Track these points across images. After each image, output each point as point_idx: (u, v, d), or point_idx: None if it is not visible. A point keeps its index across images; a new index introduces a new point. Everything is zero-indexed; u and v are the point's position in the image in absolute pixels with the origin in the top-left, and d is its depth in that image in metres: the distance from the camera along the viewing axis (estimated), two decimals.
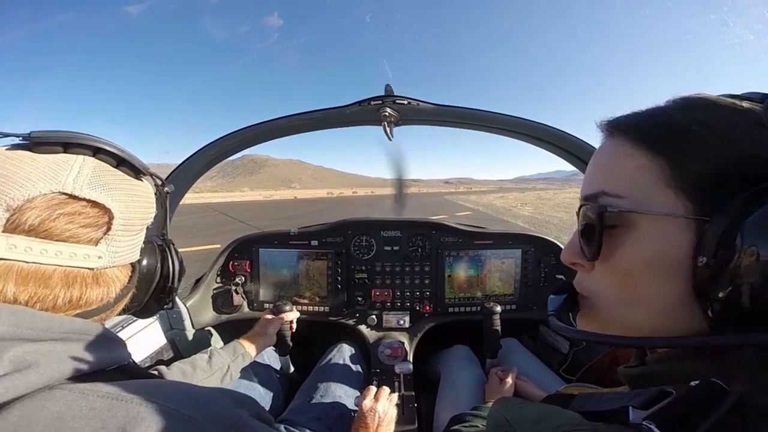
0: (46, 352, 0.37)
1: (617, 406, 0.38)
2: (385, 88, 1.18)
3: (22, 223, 0.40)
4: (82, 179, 0.44)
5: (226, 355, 1.11)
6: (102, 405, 0.37)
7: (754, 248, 0.29)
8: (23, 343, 0.36)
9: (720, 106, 0.36)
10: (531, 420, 0.40)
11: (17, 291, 0.40)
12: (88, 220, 0.44)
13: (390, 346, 1.53)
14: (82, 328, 0.43)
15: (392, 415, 1.09)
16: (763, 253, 0.29)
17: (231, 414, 0.44)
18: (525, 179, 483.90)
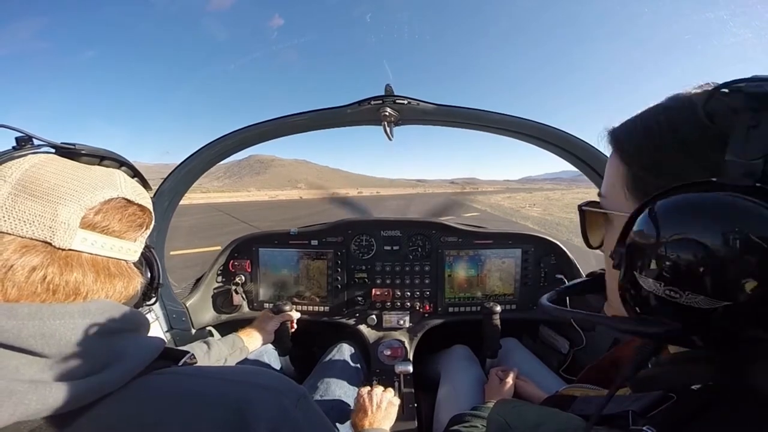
0: (132, 342, 0.45)
1: (618, 410, 0.38)
2: (385, 88, 1.18)
3: (96, 222, 0.47)
4: (128, 188, 0.52)
5: (224, 348, 1.11)
6: (214, 384, 0.45)
7: (636, 241, 0.34)
8: (119, 335, 0.44)
9: (673, 107, 0.38)
10: (531, 423, 0.40)
11: (94, 280, 0.46)
12: (139, 221, 0.53)
13: (390, 346, 1.53)
14: (143, 318, 0.51)
15: (389, 398, 1.12)
16: (640, 244, 0.33)
17: (298, 387, 0.52)
18: (531, 179, 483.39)
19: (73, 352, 0.39)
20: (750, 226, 0.28)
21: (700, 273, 0.30)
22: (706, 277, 0.29)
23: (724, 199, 0.30)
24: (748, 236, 0.28)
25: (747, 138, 0.30)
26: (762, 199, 0.28)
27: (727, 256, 0.28)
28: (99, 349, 0.41)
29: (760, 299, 0.28)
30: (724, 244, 0.29)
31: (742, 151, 0.30)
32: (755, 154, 0.30)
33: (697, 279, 0.30)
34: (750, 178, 0.30)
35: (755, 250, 0.28)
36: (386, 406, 1.10)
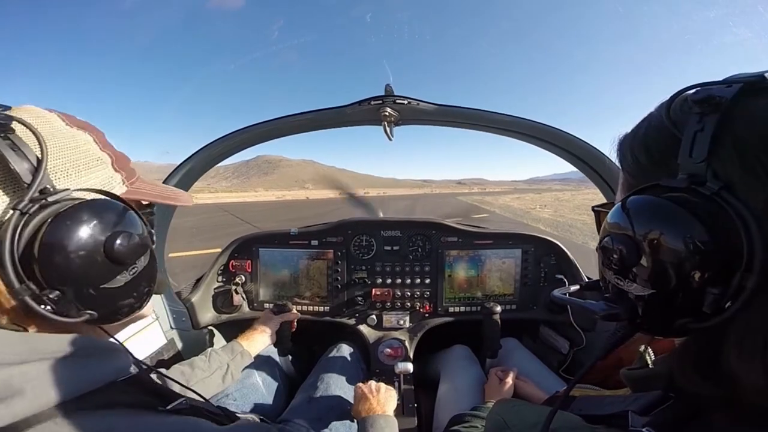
0: (34, 375, 0.36)
1: (617, 410, 0.38)
2: (385, 88, 1.18)
3: None
4: None
5: (224, 355, 1.11)
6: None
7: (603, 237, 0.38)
8: (5, 368, 0.35)
9: (653, 115, 0.40)
10: (530, 423, 0.40)
11: None
12: None
13: (390, 345, 1.53)
14: (70, 345, 0.42)
15: (386, 386, 1.14)
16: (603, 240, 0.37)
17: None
18: (539, 180, 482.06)
19: None
20: (669, 223, 0.32)
21: (631, 264, 0.34)
22: (635, 268, 0.34)
23: (653, 200, 0.34)
24: (668, 233, 0.31)
25: (694, 142, 0.32)
26: (691, 200, 0.31)
27: (650, 250, 0.32)
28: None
29: (681, 289, 0.31)
30: (648, 239, 0.33)
31: (689, 154, 0.32)
32: (699, 158, 0.32)
33: (630, 269, 0.35)
34: (691, 180, 0.32)
35: (673, 246, 0.31)
36: (385, 390, 1.12)
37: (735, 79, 0.33)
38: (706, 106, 0.32)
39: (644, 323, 0.36)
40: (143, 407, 0.44)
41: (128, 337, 1.22)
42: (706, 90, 0.33)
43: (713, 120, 0.31)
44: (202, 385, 0.99)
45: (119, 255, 0.43)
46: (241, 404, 1.19)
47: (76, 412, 0.38)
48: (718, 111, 0.31)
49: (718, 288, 0.29)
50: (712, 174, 0.31)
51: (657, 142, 0.37)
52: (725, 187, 0.30)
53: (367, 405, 1.06)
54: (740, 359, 0.29)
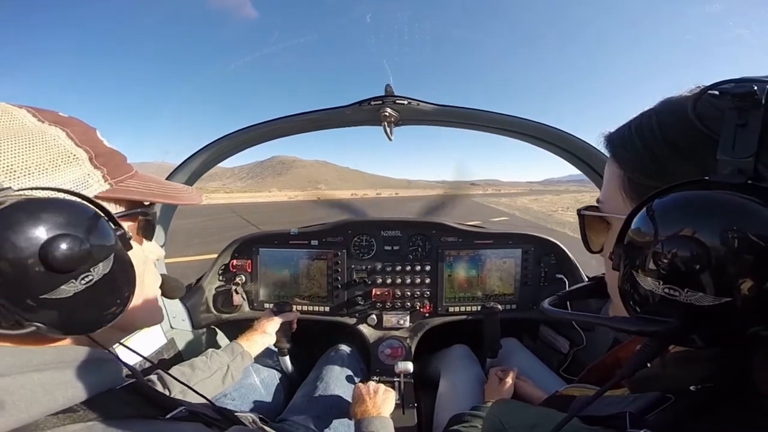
0: (17, 388, 0.35)
1: (615, 411, 0.38)
2: (385, 88, 1.18)
3: None
4: None
5: (224, 355, 1.11)
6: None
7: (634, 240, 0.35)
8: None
9: (663, 111, 0.39)
10: (527, 424, 0.40)
11: None
12: None
13: (390, 345, 1.53)
14: (56, 356, 0.41)
15: (385, 388, 1.14)
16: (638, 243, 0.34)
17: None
18: (554, 181, 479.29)
19: None
20: (745, 223, 0.28)
21: (697, 270, 0.29)
22: (704, 274, 0.29)
23: (718, 196, 0.30)
24: (745, 233, 0.28)
25: (736, 137, 0.31)
26: (755, 196, 0.29)
27: (725, 253, 0.28)
28: None
29: (759, 295, 0.28)
30: (721, 241, 0.28)
31: (731, 149, 0.31)
32: (745, 152, 0.30)
33: (696, 276, 0.30)
34: (742, 175, 0.30)
35: (752, 247, 0.28)
36: (383, 392, 1.12)
37: (756, 78, 0.32)
38: (747, 101, 0.31)
39: (701, 336, 0.32)
40: (140, 417, 0.43)
41: (128, 337, 1.22)
42: (746, 86, 0.31)
43: (758, 115, 0.30)
44: (202, 386, 0.99)
45: (60, 262, 0.37)
46: (239, 404, 1.19)
47: (62, 425, 0.37)
48: (760, 107, 0.30)
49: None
50: (765, 168, 0.30)
51: (683, 136, 0.36)
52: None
53: (363, 407, 1.06)
54: None
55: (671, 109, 0.38)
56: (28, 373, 0.37)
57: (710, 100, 0.34)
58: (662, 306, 0.32)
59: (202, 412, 0.55)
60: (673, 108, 0.37)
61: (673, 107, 0.38)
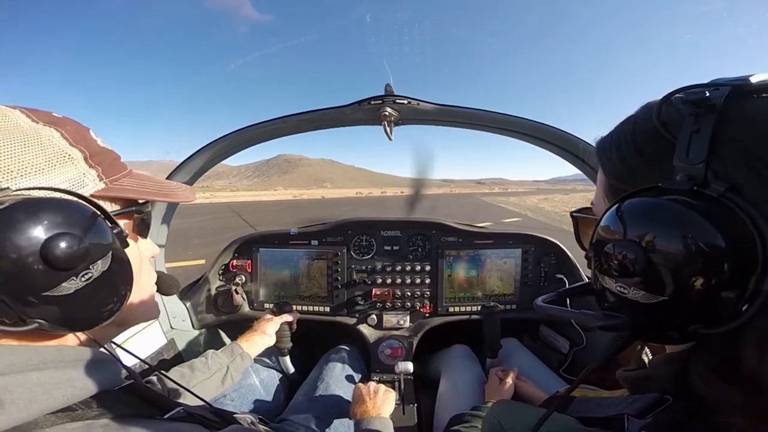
0: (15, 386, 0.36)
1: (614, 413, 0.38)
2: (385, 88, 1.18)
3: None
4: None
5: (224, 356, 1.11)
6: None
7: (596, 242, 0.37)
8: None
9: (638, 117, 0.40)
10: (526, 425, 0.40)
11: None
12: None
13: (390, 346, 1.53)
14: (56, 355, 0.42)
15: (385, 388, 1.14)
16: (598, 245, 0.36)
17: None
18: (562, 180, 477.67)
19: None
20: (678, 228, 0.30)
21: (638, 270, 0.32)
22: (644, 275, 0.32)
23: (658, 203, 0.32)
24: (678, 237, 0.30)
25: (690, 143, 0.32)
26: (696, 202, 0.30)
27: (660, 255, 0.31)
28: None
29: (693, 294, 0.30)
30: (656, 245, 0.31)
31: (686, 155, 0.32)
32: (697, 159, 0.31)
33: (637, 276, 0.32)
34: (689, 182, 0.31)
35: (683, 251, 0.29)
36: (383, 393, 1.12)
37: (721, 83, 0.33)
38: (700, 107, 0.32)
39: (650, 331, 0.35)
40: (138, 416, 0.43)
41: (128, 338, 1.22)
42: (699, 92, 0.32)
43: (710, 121, 0.31)
44: (201, 387, 0.99)
45: (60, 260, 0.38)
46: (238, 404, 1.19)
47: (61, 424, 0.37)
48: (713, 112, 0.31)
49: (733, 292, 0.29)
50: (714, 175, 0.31)
51: (647, 144, 0.37)
52: (730, 188, 0.29)
53: (363, 407, 1.06)
54: (763, 362, 0.28)
55: (643, 116, 0.38)
56: (27, 372, 0.37)
57: (676, 106, 0.34)
58: (617, 302, 0.35)
59: (200, 413, 0.55)
60: (645, 114, 0.38)
61: (645, 113, 0.38)
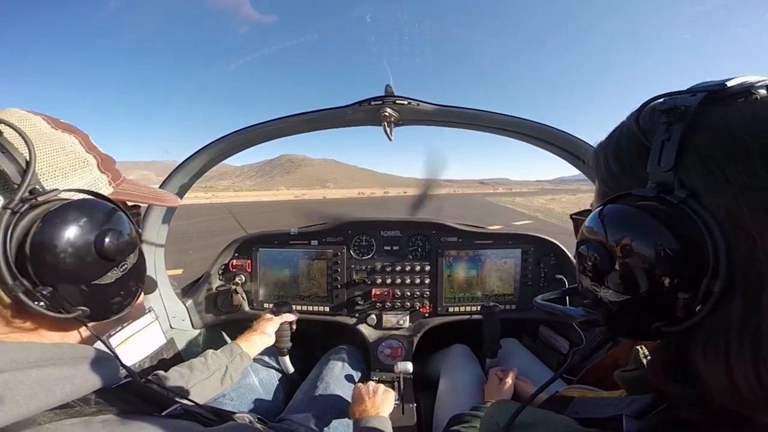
0: (15, 383, 0.37)
1: (612, 414, 0.38)
2: (385, 88, 1.18)
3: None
4: None
5: (223, 356, 1.11)
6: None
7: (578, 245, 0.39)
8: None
9: (624, 124, 0.40)
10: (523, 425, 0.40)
11: None
12: None
13: (390, 345, 1.54)
14: (56, 352, 0.43)
15: (384, 388, 1.14)
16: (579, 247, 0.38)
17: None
18: (565, 180, 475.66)
19: None
20: (640, 232, 0.32)
21: (605, 271, 0.35)
22: (610, 275, 0.34)
23: (624, 209, 0.34)
24: (639, 241, 0.32)
25: (662, 151, 0.33)
26: (660, 208, 0.32)
27: (622, 257, 0.33)
28: None
29: (654, 295, 0.32)
30: (621, 247, 0.33)
31: (657, 163, 0.33)
32: (666, 166, 0.32)
33: (605, 275, 0.35)
34: (659, 188, 0.33)
35: (642, 254, 0.32)
36: (382, 392, 1.12)
37: (699, 88, 0.33)
38: (671, 116, 0.33)
39: (621, 328, 0.37)
40: (137, 413, 0.43)
41: (128, 337, 1.22)
42: (671, 100, 0.33)
43: (679, 129, 0.32)
44: (200, 387, 0.99)
45: (109, 252, 0.45)
46: (237, 404, 1.19)
47: (60, 420, 0.38)
48: (683, 120, 0.32)
49: (688, 293, 0.30)
50: (679, 182, 0.32)
51: (628, 150, 0.38)
52: (691, 195, 0.31)
53: (361, 407, 1.06)
54: (705, 360, 0.30)
55: (629, 123, 0.39)
56: (26, 370, 0.39)
57: (655, 113, 0.36)
58: (593, 301, 0.38)
59: (197, 411, 0.56)
60: (629, 121, 0.39)
61: (629, 121, 0.39)
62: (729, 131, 0.30)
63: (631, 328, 0.36)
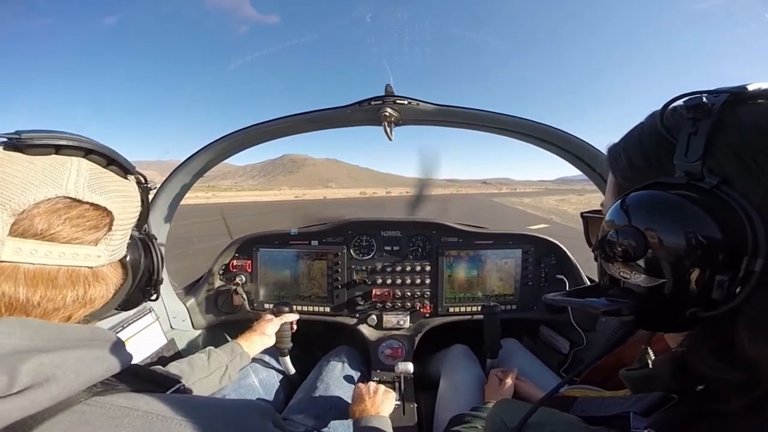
0: (61, 362, 0.38)
1: (618, 412, 0.38)
2: (385, 88, 1.18)
3: (30, 228, 0.41)
4: (82, 182, 0.44)
5: (224, 355, 1.11)
6: (142, 424, 0.39)
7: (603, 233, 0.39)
8: (38, 355, 0.36)
9: (645, 123, 0.42)
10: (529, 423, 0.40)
11: (28, 292, 0.41)
12: (92, 222, 0.45)
13: (390, 346, 1.53)
14: (90, 334, 0.45)
15: (385, 388, 1.15)
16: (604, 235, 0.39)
17: (258, 425, 0.49)
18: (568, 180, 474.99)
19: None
20: (674, 216, 0.34)
21: (638, 254, 0.35)
22: (643, 258, 0.35)
23: (656, 194, 0.36)
24: (674, 224, 0.33)
25: (688, 143, 0.35)
26: (691, 194, 0.33)
27: (657, 240, 0.34)
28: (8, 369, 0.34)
29: (689, 277, 0.33)
30: (655, 230, 0.34)
31: (685, 155, 0.35)
32: (694, 157, 0.35)
33: (637, 259, 0.35)
34: (689, 177, 0.35)
35: (678, 236, 0.33)
36: (383, 393, 1.12)
37: (721, 90, 0.36)
38: (698, 112, 0.35)
39: (651, 317, 0.37)
40: (146, 392, 0.45)
41: (129, 338, 1.22)
42: (697, 98, 0.36)
43: (706, 124, 0.35)
44: (199, 385, 1.00)
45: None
46: None
47: (101, 394, 0.40)
48: (710, 116, 0.35)
49: (727, 274, 0.31)
50: (708, 171, 0.34)
51: (651, 146, 0.40)
52: (723, 181, 0.33)
53: (361, 406, 1.06)
54: (755, 342, 0.30)
55: (650, 121, 0.42)
56: (68, 350, 0.40)
57: (678, 111, 0.38)
58: (621, 289, 0.38)
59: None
60: (652, 119, 0.41)
61: (652, 118, 0.42)
62: (756, 125, 0.33)
63: (662, 315, 0.36)
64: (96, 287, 0.47)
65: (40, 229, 0.41)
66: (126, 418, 0.38)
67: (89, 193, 0.45)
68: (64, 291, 0.43)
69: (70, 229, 0.43)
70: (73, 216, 0.43)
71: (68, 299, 0.44)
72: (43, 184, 0.41)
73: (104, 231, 0.47)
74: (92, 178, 0.46)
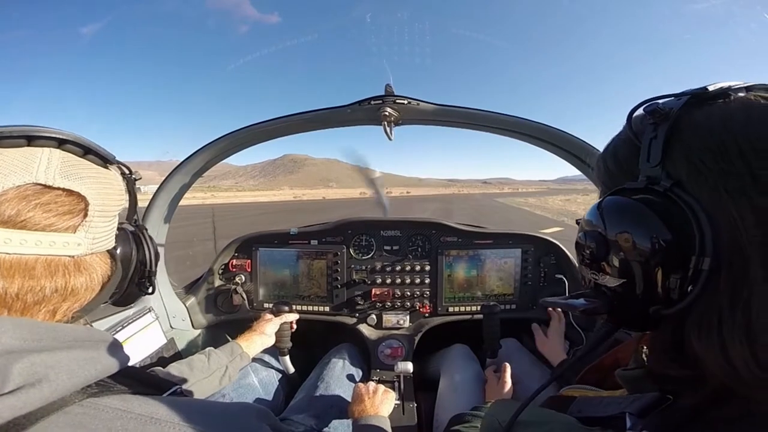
0: (54, 363, 0.37)
1: (614, 412, 0.38)
2: (385, 88, 1.18)
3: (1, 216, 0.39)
4: (53, 169, 0.43)
5: (223, 356, 1.11)
6: (135, 426, 0.38)
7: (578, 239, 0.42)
8: (30, 355, 0.36)
9: (622, 130, 0.43)
10: (525, 423, 0.40)
11: (5, 284, 0.40)
12: (65, 208, 0.44)
13: (390, 345, 1.53)
14: (85, 335, 0.44)
15: (384, 388, 1.15)
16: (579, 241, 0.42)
17: (254, 428, 0.49)
18: (569, 179, 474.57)
19: None
20: (631, 218, 0.35)
21: (601, 256, 0.38)
22: (606, 260, 0.37)
23: (618, 200, 0.38)
24: (631, 226, 0.35)
25: (650, 148, 0.37)
26: (647, 197, 0.35)
27: (616, 242, 0.36)
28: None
29: (648, 277, 0.34)
30: (615, 233, 0.36)
31: (647, 159, 0.37)
32: (654, 161, 0.36)
33: (602, 261, 0.38)
34: (648, 181, 0.36)
35: (636, 237, 0.34)
36: (382, 392, 1.12)
37: (685, 92, 0.37)
38: (657, 117, 0.37)
39: (622, 314, 0.39)
40: (142, 394, 0.44)
41: (128, 337, 1.22)
42: (655, 103, 0.37)
43: (664, 128, 0.36)
44: (199, 386, 1.00)
45: None
46: None
47: (96, 396, 0.40)
48: (668, 120, 0.36)
49: (679, 274, 0.33)
50: (666, 174, 0.35)
51: (623, 152, 0.42)
52: (675, 183, 0.34)
53: (361, 406, 1.06)
54: (700, 339, 0.31)
55: (624, 128, 0.43)
56: (60, 350, 0.39)
57: (641, 118, 0.39)
58: (594, 289, 0.41)
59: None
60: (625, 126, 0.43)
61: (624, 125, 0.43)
62: (708, 127, 0.34)
63: (630, 313, 0.38)
64: (78, 277, 0.45)
65: (8, 215, 0.39)
66: (119, 421, 0.38)
67: (60, 179, 0.43)
68: (42, 281, 0.42)
69: (42, 215, 0.42)
70: (44, 202, 0.42)
71: (47, 290, 0.42)
72: (12, 173, 0.40)
73: (80, 217, 0.45)
74: (65, 166, 0.45)
